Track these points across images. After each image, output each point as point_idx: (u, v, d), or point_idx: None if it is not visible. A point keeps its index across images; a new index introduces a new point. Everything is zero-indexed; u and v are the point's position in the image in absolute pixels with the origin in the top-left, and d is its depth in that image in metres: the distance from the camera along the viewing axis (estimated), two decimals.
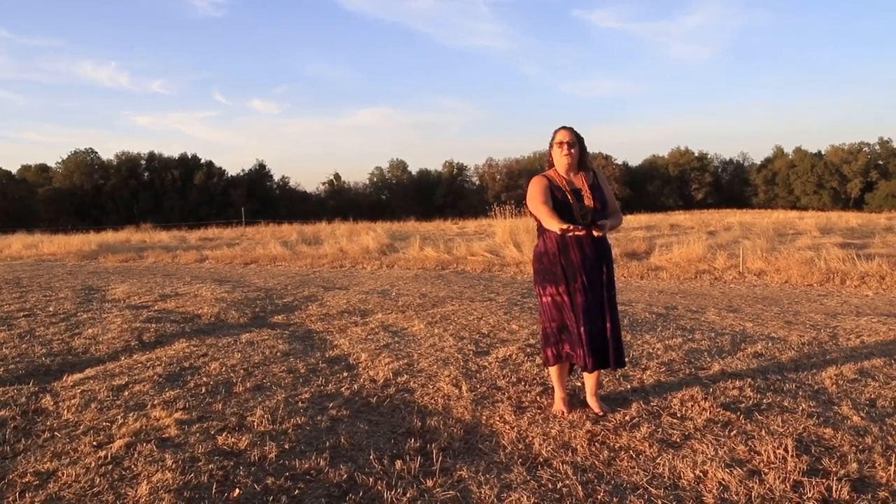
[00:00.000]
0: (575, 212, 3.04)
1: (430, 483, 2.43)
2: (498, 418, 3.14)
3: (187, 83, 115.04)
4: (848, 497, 2.24)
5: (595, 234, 2.99)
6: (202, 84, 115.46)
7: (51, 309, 6.98)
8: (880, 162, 61.56)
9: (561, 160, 3.11)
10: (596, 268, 3.09)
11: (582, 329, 3.03)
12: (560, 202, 3.06)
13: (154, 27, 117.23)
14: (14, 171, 55.89)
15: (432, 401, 3.46)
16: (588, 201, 3.07)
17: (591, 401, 3.26)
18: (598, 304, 3.07)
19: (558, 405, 3.23)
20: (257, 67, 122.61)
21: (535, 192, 3.10)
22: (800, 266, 9.20)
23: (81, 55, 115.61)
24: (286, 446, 2.82)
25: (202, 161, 59.39)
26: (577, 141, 3.10)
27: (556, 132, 3.14)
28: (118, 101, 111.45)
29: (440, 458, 2.64)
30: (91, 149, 58.43)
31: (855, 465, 2.48)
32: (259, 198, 57.50)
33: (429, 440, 2.87)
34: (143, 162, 58.66)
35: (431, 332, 5.30)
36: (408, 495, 2.33)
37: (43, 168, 58.27)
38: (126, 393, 3.70)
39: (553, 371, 3.26)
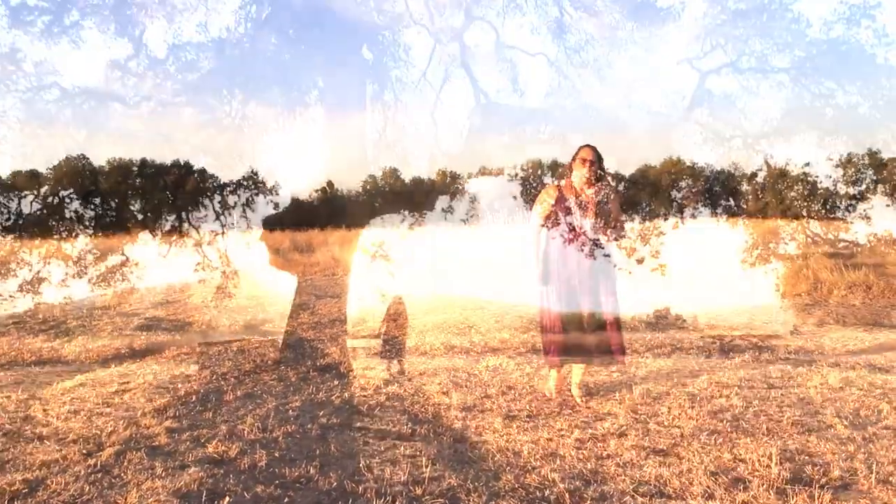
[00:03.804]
0: (577, 221, 3.42)
1: (419, 491, 2.45)
2: (487, 426, 3.16)
3: None
4: None
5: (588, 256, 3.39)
6: None
7: (40, 316, 6.94)
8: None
9: (581, 174, 3.47)
10: (586, 273, 3.40)
11: (557, 328, 3.40)
12: (565, 212, 3.46)
13: None
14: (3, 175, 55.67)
15: (422, 409, 3.47)
16: (591, 214, 3.43)
17: (575, 390, 3.58)
18: (579, 308, 3.39)
19: (549, 386, 3.57)
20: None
21: (537, 212, 3.56)
22: (787, 275, 9.29)
23: None
24: (276, 454, 2.83)
25: (194, 167, 59.39)
26: (597, 159, 3.47)
27: (580, 148, 3.51)
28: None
29: (430, 466, 2.66)
30: (83, 155, 58.32)
31: (837, 473, 2.52)
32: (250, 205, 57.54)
33: (419, 448, 2.89)
34: (134, 168, 58.61)
35: (422, 340, 5.32)
36: (397, 503, 2.34)
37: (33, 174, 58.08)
38: (116, 401, 3.70)
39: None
